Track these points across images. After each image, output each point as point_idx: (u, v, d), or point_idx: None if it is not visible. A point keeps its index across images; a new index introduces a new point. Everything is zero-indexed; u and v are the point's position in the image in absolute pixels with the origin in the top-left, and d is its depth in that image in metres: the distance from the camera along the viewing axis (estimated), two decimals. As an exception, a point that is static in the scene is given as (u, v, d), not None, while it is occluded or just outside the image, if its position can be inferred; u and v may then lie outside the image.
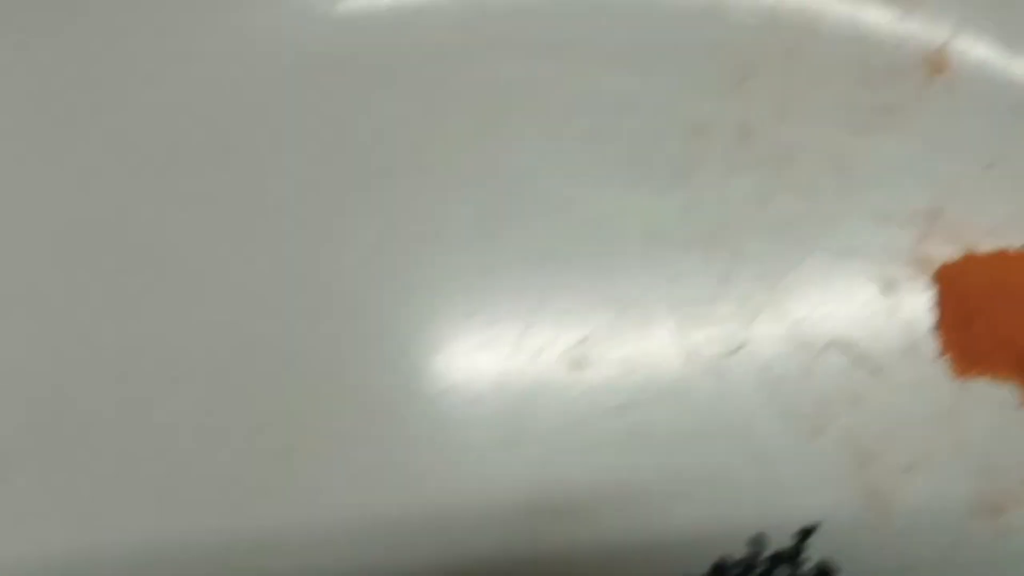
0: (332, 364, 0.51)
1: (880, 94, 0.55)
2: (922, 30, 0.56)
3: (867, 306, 0.52)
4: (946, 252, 0.53)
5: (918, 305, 0.53)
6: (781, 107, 0.54)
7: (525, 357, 0.51)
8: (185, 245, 0.51)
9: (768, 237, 0.53)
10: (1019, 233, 0.54)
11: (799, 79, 0.55)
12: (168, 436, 0.49)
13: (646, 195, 0.53)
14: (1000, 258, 0.53)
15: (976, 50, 0.56)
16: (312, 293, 0.51)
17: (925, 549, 0.50)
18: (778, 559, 0.50)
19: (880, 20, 0.56)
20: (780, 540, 0.50)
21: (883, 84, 0.55)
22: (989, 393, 0.52)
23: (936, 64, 0.55)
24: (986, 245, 0.53)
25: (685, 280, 0.52)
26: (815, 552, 0.50)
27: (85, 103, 0.53)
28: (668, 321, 0.51)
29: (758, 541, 0.50)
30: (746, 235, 0.53)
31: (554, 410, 0.50)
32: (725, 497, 0.50)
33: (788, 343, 0.52)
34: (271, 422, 0.49)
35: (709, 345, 0.52)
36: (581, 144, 0.53)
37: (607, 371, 0.51)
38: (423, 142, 0.53)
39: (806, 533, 0.50)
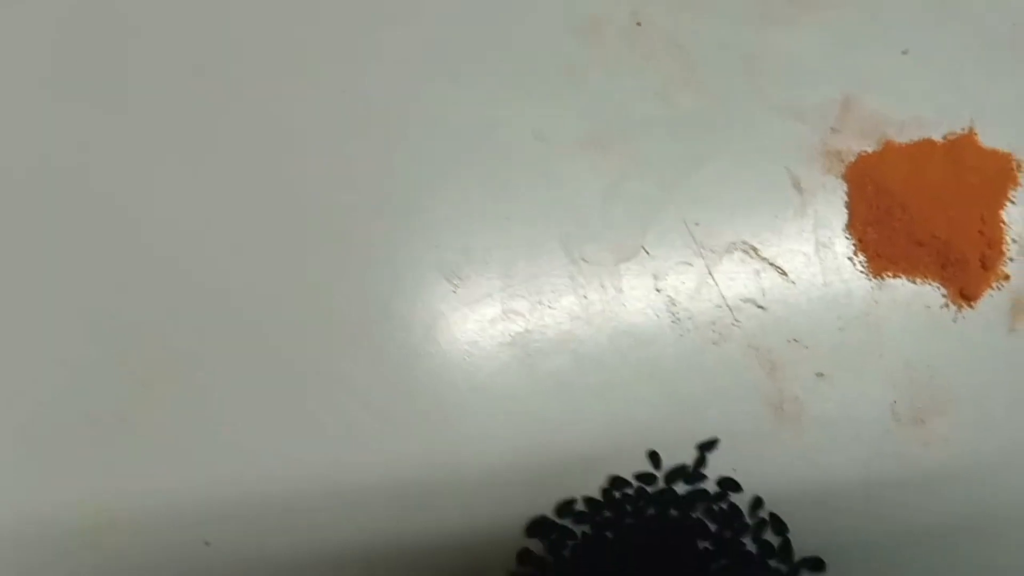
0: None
1: (787, -20, 0.51)
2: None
3: (774, 206, 0.49)
4: (860, 146, 0.49)
5: (830, 203, 0.49)
6: (678, -2, 0.51)
7: (408, 264, 0.48)
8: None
9: (667, 137, 0.49)
10: (938, 123, 0.49)
11: (694, -35, 0.51)
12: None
13: (537, 98, 0.50)
14: (920, 149, 0.49)
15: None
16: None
17: (842, 461, 0.46)
18: (676, 475, 0.46)
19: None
20: (684, 455, 0.46)
21: (790, -30, 0.51)
22: (909, 294, 0.48)
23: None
24: (903, 137, 0.49)
25: (577, 185, 0.49)
26: (721, 467, 0.46)
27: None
28: (558, 229, 0.48)
29: (654, 457, 0.46)
30: (643, 136, 0.49)
31: (430, 318, 0.47)
32: (622, 412, 0.46)
33: (687, 248, 0.48)
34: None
35: (602, 253, 0.48)
36: (467, 49, 0.50)
37: (491, 283, 0.47)
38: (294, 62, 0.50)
39: (705, 448, 0.46)
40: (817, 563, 0.45)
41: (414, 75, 0.49)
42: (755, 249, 0.48)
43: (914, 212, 0.47)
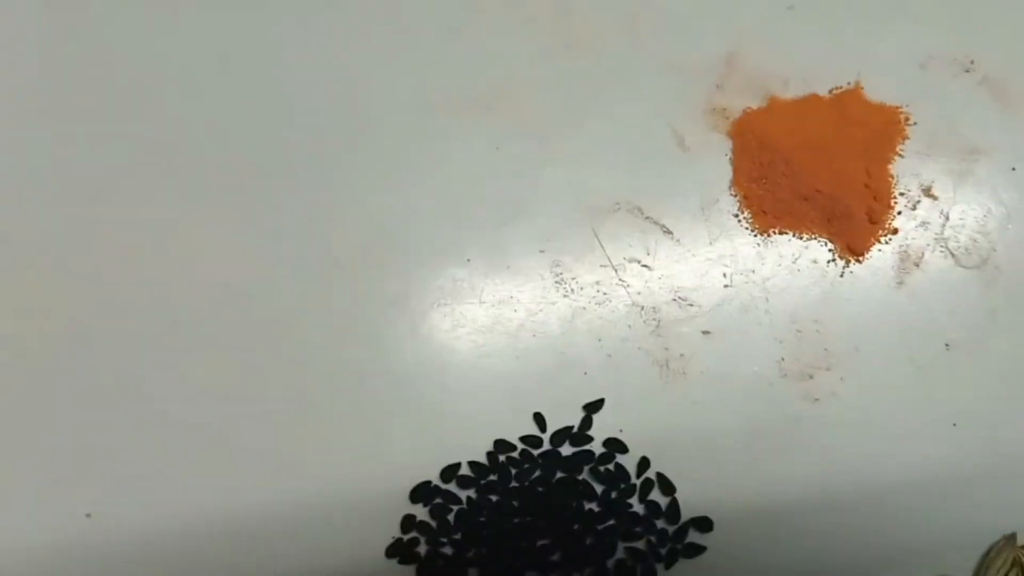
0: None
1: (669, -64, 0.51)
2: None
3: (659, 165, 0.48)
4: (745, 103, 0.49)
5: (715, 160, 0.48)
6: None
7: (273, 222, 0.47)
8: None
9: (549, 96, 0.49)
10: (823, 78, 0.49)
11: (575, -76, 0.51)
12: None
13: (414, 56, 0.49)
14: (805, 104, 0.49)
15: None
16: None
17: (728, 418, 0.46)
18: (562, 436, 0.45)
19: None
20: (570, 417, 0.46)
21: (673, -76, 0.51)
22: (795, 249, 0.48)
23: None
24: (789, 93, 0.49)
25: (458, 146, 0.48)
26: (608, 427, 0.45)
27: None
28: (442, 191, 0.47)
29: (539, 419, 0.46)
30: (524, 96, 0.49)
31: (313, 290, 0.46)
32: (507, 374, 0.46)
33: (571, 208, 0.48)
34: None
35: (484, 215, 0.47)
36: (340, 7, 0.49)
37: (373, 246, 0.47)
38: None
39: (591, 409, 0.46)
40: (704, 522, 0.45)
41: (306, 42, 0.48)
42: (640, 208, 0.48)
43: (798, 167, 0.47)
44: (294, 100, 0.48)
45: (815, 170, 0.47)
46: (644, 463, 0.45)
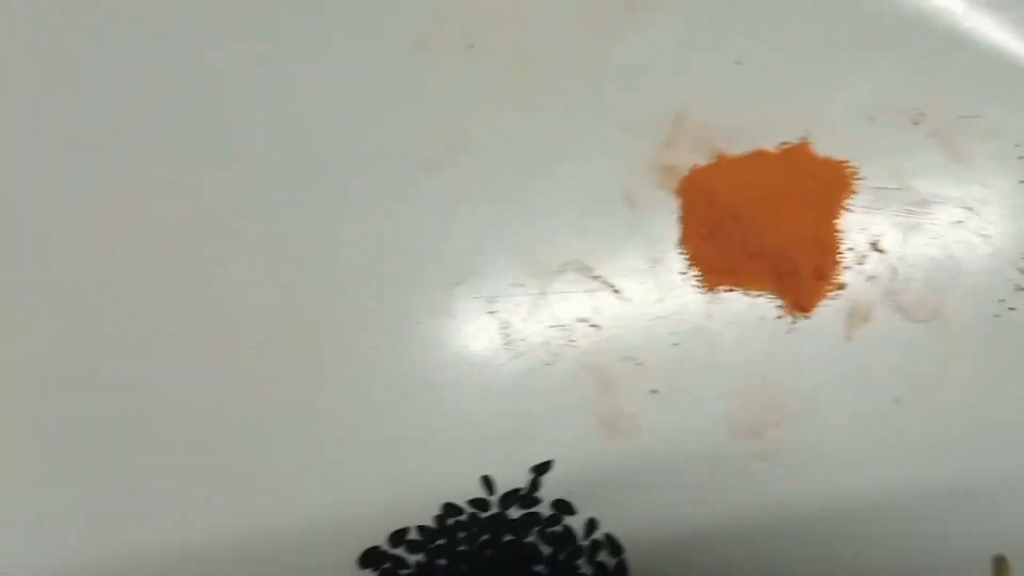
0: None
1: (620, -8, 0.51)
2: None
3: (607, 224, 0.48)
4: (693, 160, 0.49)
5: (663, 218, 0.49)
6: (510, 12, 0.50)
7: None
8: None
9: (499, 157, 0.49)
10: (772, 134, 0.49)
11: (522, -18, 0.51)
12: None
13: (372, 114, 0.49)
14: (753, 160, 0.49)
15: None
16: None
17: (678, 477, 0.45)
18: (511, 498, 0.45)
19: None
20: (519, 479, 0.46)
21: (620, -19, 0.51)
22: (743, 306, 0.48)
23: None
24: (737, 149, 0.49)
25: (415, 202, 0.48)
26: (557, 488, 0.45)
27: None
28: (391, 252, 0.47)
29: (487, 482, 0.46)
30: (478, 153, 0.49)
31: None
32: (455, 437, 0.46)
33: (520, 268, 0.48)
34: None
35: (437, 275, 0.47)
36: (297, 64, 0.49)
37: (314, 310, 0.47)
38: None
39: (539, 470, 0.46)
40: (653, 582, 0.45)
41: (246, 94, 0.49)
42: (588, 268, 0.48)
43: (745, 224, 0.47)
44: (247, 151, 0.48)
45: (763, 226, 0.47)
46: (592, 524, 0.45)
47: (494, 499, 0.46)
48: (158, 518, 0.45)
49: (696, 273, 0.48)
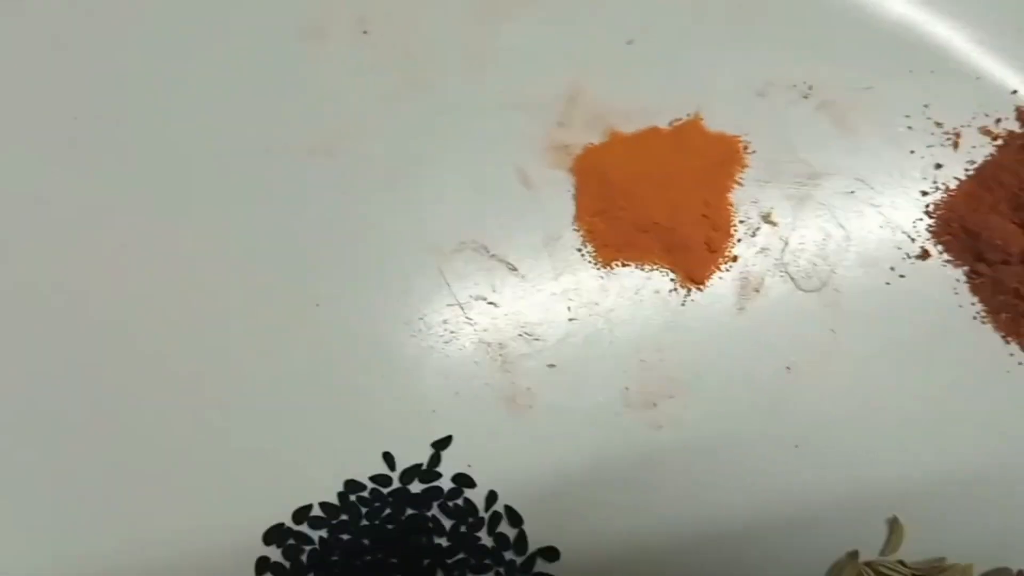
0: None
1: (507, -26, 0.51)
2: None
3: (503, 203, 0.49)
4: (587, 138, 0.50)
5: (558, 196, 0.50)
6: (399, 1, 0.51)
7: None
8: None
9: (391, 138, 0.50)
10: (664, 111, 0.50)
11: (416, -32, 0.52)
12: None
13: (262, 104, 0.50)
14: (645, 138, 0.50)
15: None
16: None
17: (574, 449, 0.47)
18: (410, 474, 0.47)
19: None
20: (420, 455, 0.47)
21: (508, -37, 0.51)
22: (638, 280, 0.49)
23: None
24: (630, 127, 0.50)
25: (308, 191, 0.49)
26: (456, 463, 0.47)
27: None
28: (288, 236, 0.48)
29: (388, 458, 0.47)
30: (370, 138, 0.50)
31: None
32: (357, 415, 0.47)
33: (417, 248, 0.49)
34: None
35: (331, 259, 0.48)
36: (185, 54, 0.50)
37: (214, 295, 0.48)
38: None
39: (439, 446, 0.47)
40: (551, 552, 0.46)
41: (143, 85, 0.49)
42: (485, 247, 0.49)
43: (636, 200, 0.48)
44: (136, 142, 0.49)
45: (653, 202, 0.48)
46: (492, 497, 0.47)
47: (395, 475, 0.46)
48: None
49: (591, 249, 0.49)
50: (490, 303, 0.48)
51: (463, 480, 0.47)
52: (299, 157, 0.49)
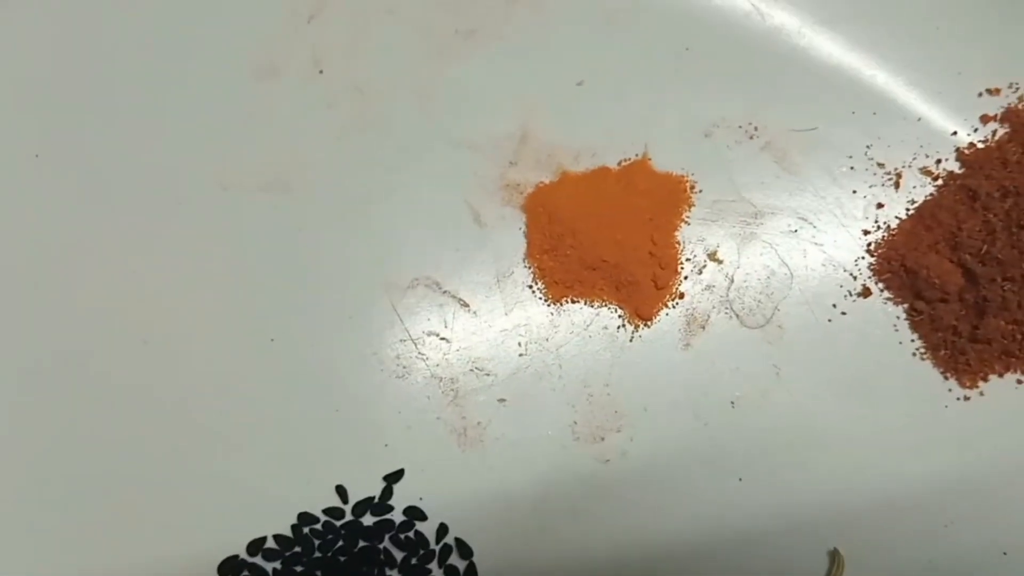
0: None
1: (461, 17, 0.53)
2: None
3: (456, 240, 0.51)
4: (538, 177, 0.51)
5: (510, 234, 0.51)
6: (353, 41, 0.52)
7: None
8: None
9: (346, 176, 0.51)
10: (613, 151, 0.52)
11: (371, 9, 0.53)
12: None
13: (217, 143, 0.51)
14: (594, 177, 0.51)
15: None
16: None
17: (524, 478, 0.48)
18: (363, 507, 0.48)
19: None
20: (372, 488, 0.48)
21: (464, 6, 0.53)
22: (587, 317, 0.50)
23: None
24: (580, 166, 0.51)
25: (262, 227, 0.51)
26: (408, 496, 0.48)
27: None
28: (237, 272, 0.49)
29: (340, 491, 0.48)
30: (321, 176, 0.51)
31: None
32: (307, 448, 0.48)
33: (371, 285, 0.50)
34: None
35: (285, 294, 0.50)
36: (142, 91, 0.51)
37: (170, 329, 0.49)
38: None
39: (391, 479, 0.48)
40: (500, 582, 0.47)
41: (99, 121, 0.50)
42: (438, 283, 0.50)
43: (584, 238, 0.49)
44: (98, 177, 0.50)
45: (601, 240, 0.49)
46: (443, 529, 0.48)
47: (348, 508, 0.47)
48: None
49: (541, 286, 0.50)
50: (442, 339, 0.49)
51: (414, 513, 0.48)
52: (254, 194, 0.50)
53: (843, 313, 0.50)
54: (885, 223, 0.51)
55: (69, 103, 0.51)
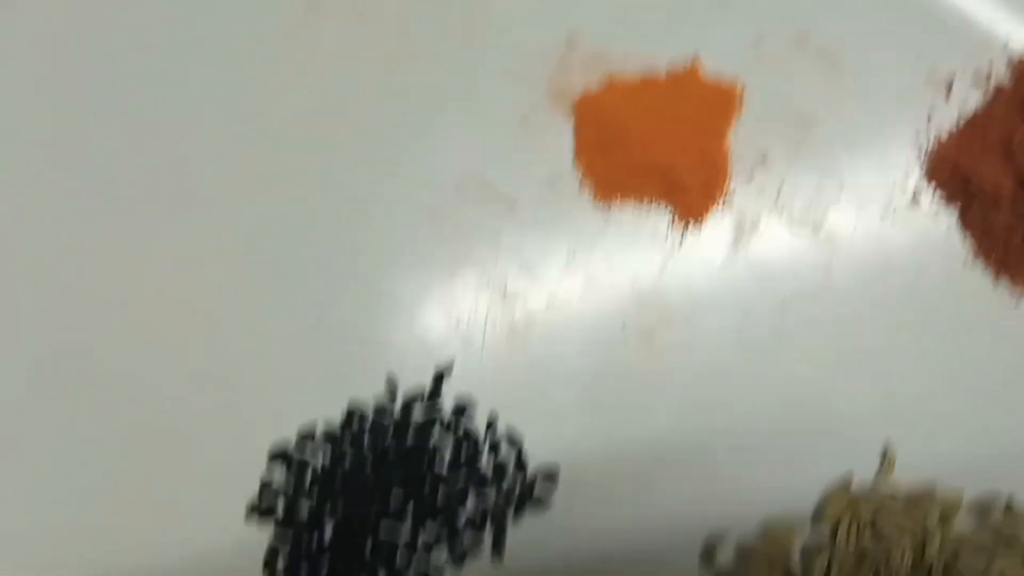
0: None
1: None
2: None
3: (503, 141, 0.51)
4: (585, 81, 0.52)
5: (558, 138, 0.51)
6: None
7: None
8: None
9: (396, 95, 0.52)
10: (662, 57, 0.52)
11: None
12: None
13: (250, 81, 0.52)
14: (642, 83, 0.51)
15: None
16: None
17: (569, 374, 0.48)
18: (412, 402, 0.48)
19: None
20: (422, 382, 0.48)
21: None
22: (635, 219, 0.50)
23: None
24: (628, 70, 0.52)
25: (308, 153, 0.51)
26: (457, 390, 0.48)
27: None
28: (291, 200, 0.50)
29: (390, 384, 0.48)
30: (372, 108, 0.52)
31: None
32: (357, 344, 0.48)
33: (420, 185, 0.51)
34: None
35: (336, 196, 0.50)
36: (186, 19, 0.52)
37: (229, 254, 0.50)
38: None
39: (440, 374, 0.48)
40: (551, 474, 0.47)
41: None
42: (485, 184, 0.50)
43: (633, 142, 0.50)
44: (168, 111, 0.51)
45: (651, 144, 0.50)
46: (492, 420, 0.48)
47: (397, 403, 0.48)
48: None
49: (590, 188, 0.50)
50: (492, 239, 0.50)
51: (464, 406, 0.48)
52: (302, 121, 0.51)
53: (894, 218, 0.50)
54: (936, 131, 0.51)
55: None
